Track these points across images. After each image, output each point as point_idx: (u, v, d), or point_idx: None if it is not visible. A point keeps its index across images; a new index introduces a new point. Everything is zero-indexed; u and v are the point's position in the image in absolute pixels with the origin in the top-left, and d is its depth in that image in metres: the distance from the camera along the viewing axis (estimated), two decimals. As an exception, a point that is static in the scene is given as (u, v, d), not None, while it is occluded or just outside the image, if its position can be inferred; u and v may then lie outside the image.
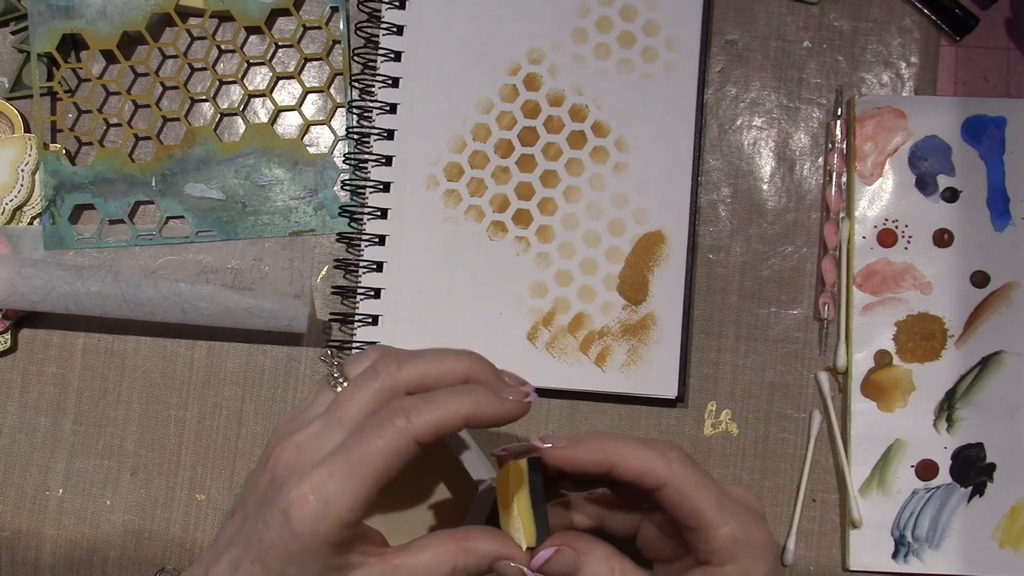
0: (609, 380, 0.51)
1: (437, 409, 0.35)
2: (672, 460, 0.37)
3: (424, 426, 0.34)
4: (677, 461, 0.37)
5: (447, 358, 0.37)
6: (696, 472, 0.37)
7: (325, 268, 0.53)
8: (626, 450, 0.37)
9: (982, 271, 0.51)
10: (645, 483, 0.37)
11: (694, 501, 0.36)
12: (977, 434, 0.50)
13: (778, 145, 0.53)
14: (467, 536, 0.36)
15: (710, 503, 0.37)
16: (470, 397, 0.35)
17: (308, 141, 0.53)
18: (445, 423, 0.35)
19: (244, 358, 0.53)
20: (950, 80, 0.53)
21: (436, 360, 0.37)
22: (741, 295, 0.52)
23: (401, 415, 0.34)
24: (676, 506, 0.37)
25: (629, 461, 0.37)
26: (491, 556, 0.36)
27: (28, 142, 0.52)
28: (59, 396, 0.53)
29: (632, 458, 0.37)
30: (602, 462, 0.37)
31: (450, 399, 0.35)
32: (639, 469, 0.37)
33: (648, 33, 0.52)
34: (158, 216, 0.53)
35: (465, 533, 0.37)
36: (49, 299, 0.49)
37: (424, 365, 0.37)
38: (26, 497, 0.52)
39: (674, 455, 0.37)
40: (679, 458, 0.37)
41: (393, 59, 0.52)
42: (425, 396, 0.35)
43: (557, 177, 0.52)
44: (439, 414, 0.35)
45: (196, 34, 0.54)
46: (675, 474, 0.37)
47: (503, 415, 0.36)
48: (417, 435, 0.34)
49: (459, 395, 0.36)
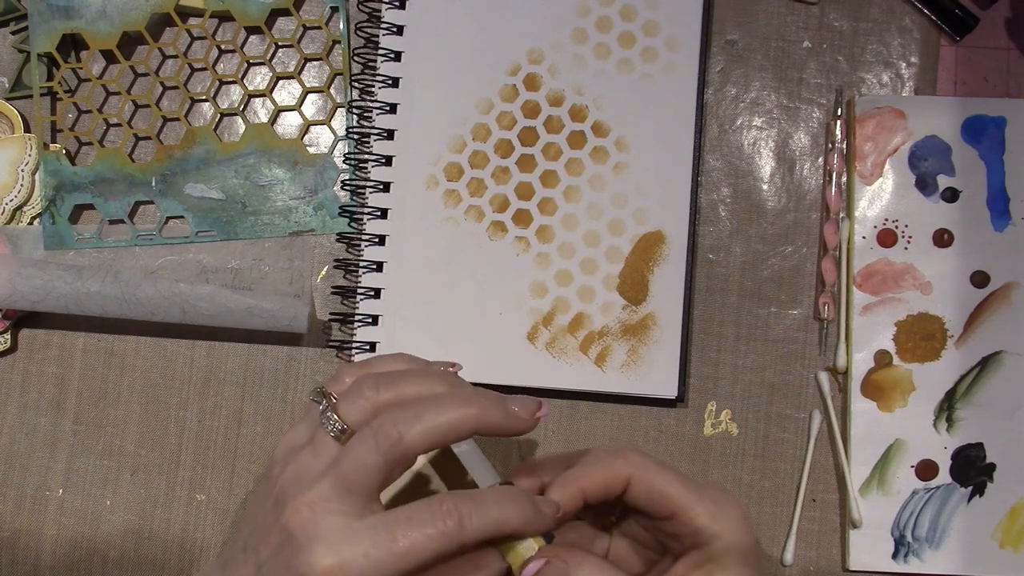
0: (609, 380, 0.51)
1: (426, 421, 0.35)
2: (629, 455, 0.38)
3: (417, 443, 0.35)
4: (635, 454, 0.38)
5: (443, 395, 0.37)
6: (657, 462, 0.38)
7: (325, 268, 0.53)
8: (589, 472, 0.38)
9: (982, 271, 0.51)
10: (613, 489, 0.37)
11: (663, 487, 0.37)
12: (977, 434, 0.50)
13: (778, 145, 0.53)
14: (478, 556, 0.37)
15: (679, 488, 0.37)
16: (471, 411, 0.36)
17: (308, 141, 0.53)
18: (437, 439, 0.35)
19: (244, 358, 0.53)
20: (950, 80, 0.53)
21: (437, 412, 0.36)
22: (741, 295, 0.52)
23: (392, 426, 0.34)
24: (647, 497, 0.37)
25: (593, 478, 0.37)
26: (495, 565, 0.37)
27: (28, 142, 0.52)
28: (59, 396, 0.53)
29: (595, 474, 0.37)
30: (577, 498, 0.38)
31: (436, 408, 0.35)
32: (604, 478, 0.37)
33: (648, 33, 0.52)
34: (158, 216, 0.53)
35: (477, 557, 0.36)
36: (49, 299, 0.49)
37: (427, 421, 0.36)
38: (26, 497, 0.52)
39: (630, 452, 0.38)
40: (636, 452, 0.38)
41: (393, 59, 0.52)
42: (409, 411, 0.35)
43: (557, 177, 0.52)
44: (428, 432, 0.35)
45: (196, 34, 0.54)
46: (637, 466, 0.38)
47: (507, 429, 0.37)
48: (408, 450, 0.35)
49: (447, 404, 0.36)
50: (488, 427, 0.36)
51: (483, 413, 0.36)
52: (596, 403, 0.52)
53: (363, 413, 0.36)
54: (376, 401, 0.37)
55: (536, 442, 0.52)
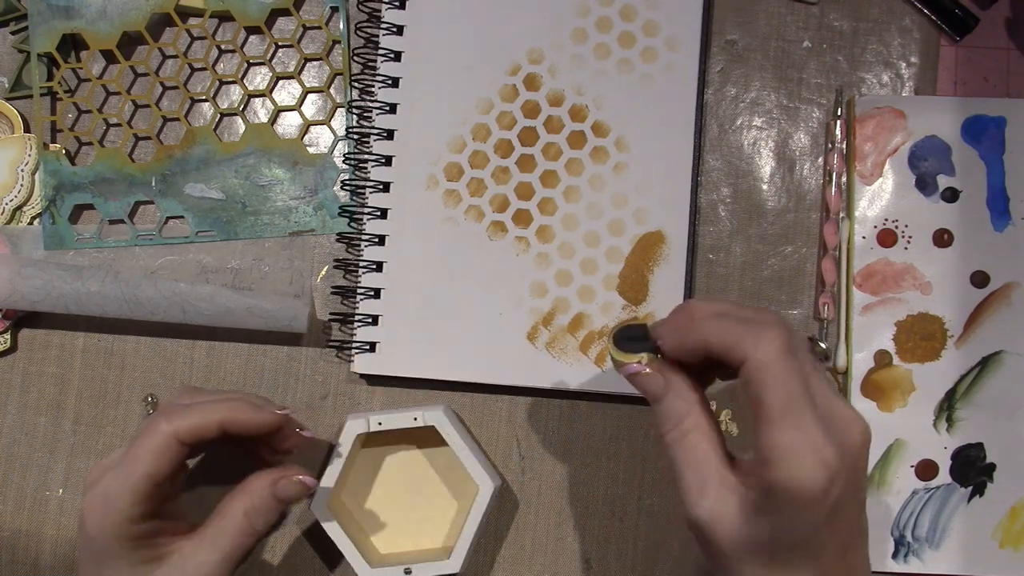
0: (609, 380, 0.51)
1: (195, 413, 0.41)
2: (761, 341, 0.34)
3: (184, 427, 0.41)
4: (767, 343, 0.34)
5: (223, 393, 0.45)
6: (781, 362, 0.34)
7: (325, 268, 0.53)
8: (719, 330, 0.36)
9: (982, 271, 0.51)
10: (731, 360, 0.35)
11: (763, 390, 0.34)
12: (977, 434, 0.50)
13: (778, 145, 0.53)
14: (245, 482, 0.42)
15: (779, 399, 0.33)
16: (227, 405, 0.42)
17: (308, 141, 0.53)
18: (203, 424, 0.41)
19: (244, 358, 0.53)
20: (950, 80, 0.53)
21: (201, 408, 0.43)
22: (741, 295, 0.52)
23: (163, 419, 0.41)
24: (748, 386, 0.35)
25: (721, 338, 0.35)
26: (267, 485, 0.42)
27: (28, 142, 0.52)
28: (59, 396, 0.53)
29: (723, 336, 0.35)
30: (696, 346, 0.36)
31: (208, 405, 0.42)
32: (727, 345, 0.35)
33: (648, 33, 0.52)
34: (158, 216, 0.53)
35: (244, 482, 0.42)
36: (49, 299, 0.49)
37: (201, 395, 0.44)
38: (26, 497, 0.52)
39: (769, 335, 0.34)
40: (772, 340, 0.34)
41: (393, 59, 0.52)
42: (188, 404, 0.42)
43: (557, 177, 0.52)
44: (197, 417, 0.41)
45: (196, 34, 0.54)
46: (757, 355, 0.34)
47: (259, 422, 0.43)
48: (178, 435, 0.40)
49: (218, 403, 0.42)
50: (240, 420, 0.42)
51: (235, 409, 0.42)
52: (596, 403, 0.52)
53: None
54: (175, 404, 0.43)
55: (536, 441, 0.52)
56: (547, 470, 0.52)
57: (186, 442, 0.41)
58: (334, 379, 0.52)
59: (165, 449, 0.40)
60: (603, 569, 0.51)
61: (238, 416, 0.42)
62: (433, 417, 0.47)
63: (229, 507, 0.42)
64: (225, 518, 0.41)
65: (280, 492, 0.42)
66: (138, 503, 0.40)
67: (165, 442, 0.40)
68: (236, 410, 0.42)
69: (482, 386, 0.52)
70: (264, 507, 0.42)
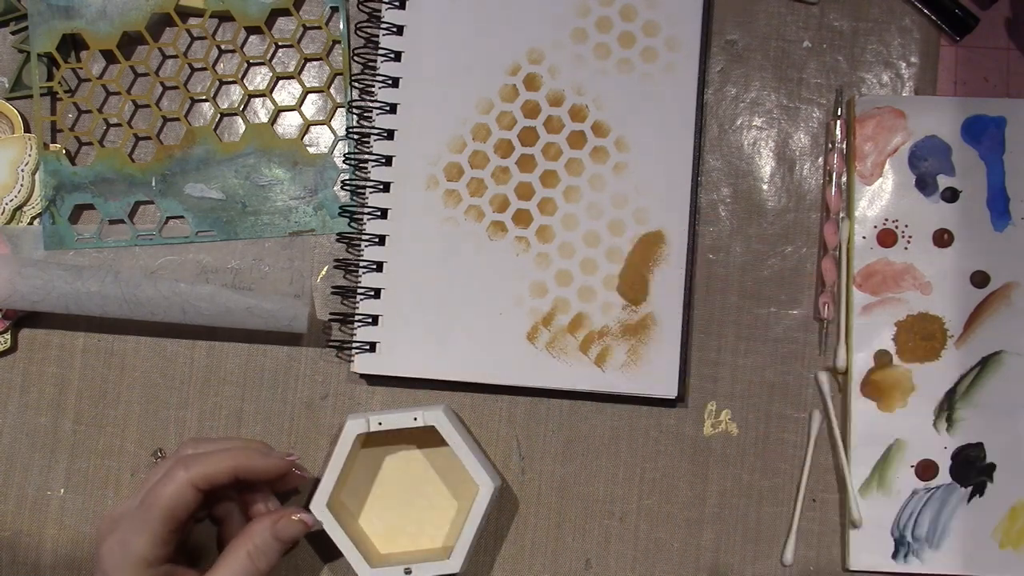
0: (609, 380, 0.51)
1: (210, 461, 0.44)
2: None
3: (200, 473, 0.43)
4: None
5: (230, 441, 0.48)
6: None
7: (325, 268, 0.53)
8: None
9: (982, 271, 0.51)
10: None
11: None
12: (977, 434, 0.50)
13: (778, 145, 0.53)
14: (248, 527, 0.45)
15: None
16: (240, 452, 0.45)
17: (308, 141, 0.53)
18: (217, 471, 0.44)
19: (244, 358, 0.53)
20: (950, 80, 0.53)
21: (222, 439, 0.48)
22: (741, 295, 0.52)
23: (181, 467, 0.43)
24: None
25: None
26: (268, 526, 0.44)
27: (28, 142, 0.52)
28: (59, 396, 0.53)
29: None
30: None
31: (222, 453, 0.45)
32: None
33: (648, 33, 0.52)
34: (158, 216, 0.53)
35: (247, 526, 0.45)
36: (49, 299, 0.49)
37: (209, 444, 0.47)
38: (27, 497, 0.52)
39: None
40: None
41: (393, 59, 0.52)
42: (202, 452, 0.45)
43: (557, 177, 0.52)
44: (212, 464, 0.44)
45: (196, 34, 0.54)
46: None
47: (269, 468, 0.46)
48: (194, 481, 0.43)
49: (231, 451, 0.45)
50: (251, 466, 0.45)
51: (247, 456, 0.45)
52: (596, 403, 0.52)
53: None
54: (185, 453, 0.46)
55: (537, 441, 0.52)
56: (547, 470, 0.52)
57: (201, 488, 0.44)
58: (334, 379, 0.52)
59: (183, 495, 0.43)
60: (603, 569, 0.51)
61: (250, 463, 0.45)
62: (433, 417, 0.47)
63: (233, 550, 0.44)
64: (230, 561, 0.44)
65: (280, 532, 0.45)
66: (156, 546, 0.43)
67: (182, 488, 0.43)
68: (248, 457, 0.45)
69: (482, 386, 0.52)
70: (266, 548, 0.44)
